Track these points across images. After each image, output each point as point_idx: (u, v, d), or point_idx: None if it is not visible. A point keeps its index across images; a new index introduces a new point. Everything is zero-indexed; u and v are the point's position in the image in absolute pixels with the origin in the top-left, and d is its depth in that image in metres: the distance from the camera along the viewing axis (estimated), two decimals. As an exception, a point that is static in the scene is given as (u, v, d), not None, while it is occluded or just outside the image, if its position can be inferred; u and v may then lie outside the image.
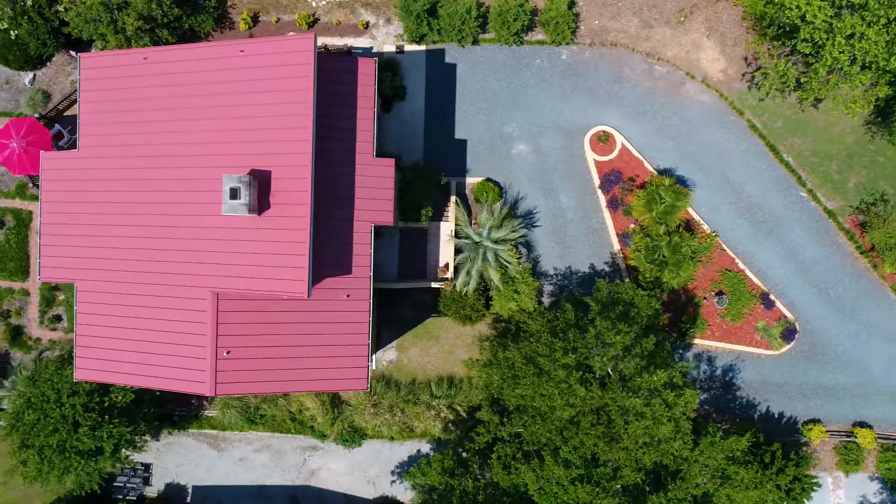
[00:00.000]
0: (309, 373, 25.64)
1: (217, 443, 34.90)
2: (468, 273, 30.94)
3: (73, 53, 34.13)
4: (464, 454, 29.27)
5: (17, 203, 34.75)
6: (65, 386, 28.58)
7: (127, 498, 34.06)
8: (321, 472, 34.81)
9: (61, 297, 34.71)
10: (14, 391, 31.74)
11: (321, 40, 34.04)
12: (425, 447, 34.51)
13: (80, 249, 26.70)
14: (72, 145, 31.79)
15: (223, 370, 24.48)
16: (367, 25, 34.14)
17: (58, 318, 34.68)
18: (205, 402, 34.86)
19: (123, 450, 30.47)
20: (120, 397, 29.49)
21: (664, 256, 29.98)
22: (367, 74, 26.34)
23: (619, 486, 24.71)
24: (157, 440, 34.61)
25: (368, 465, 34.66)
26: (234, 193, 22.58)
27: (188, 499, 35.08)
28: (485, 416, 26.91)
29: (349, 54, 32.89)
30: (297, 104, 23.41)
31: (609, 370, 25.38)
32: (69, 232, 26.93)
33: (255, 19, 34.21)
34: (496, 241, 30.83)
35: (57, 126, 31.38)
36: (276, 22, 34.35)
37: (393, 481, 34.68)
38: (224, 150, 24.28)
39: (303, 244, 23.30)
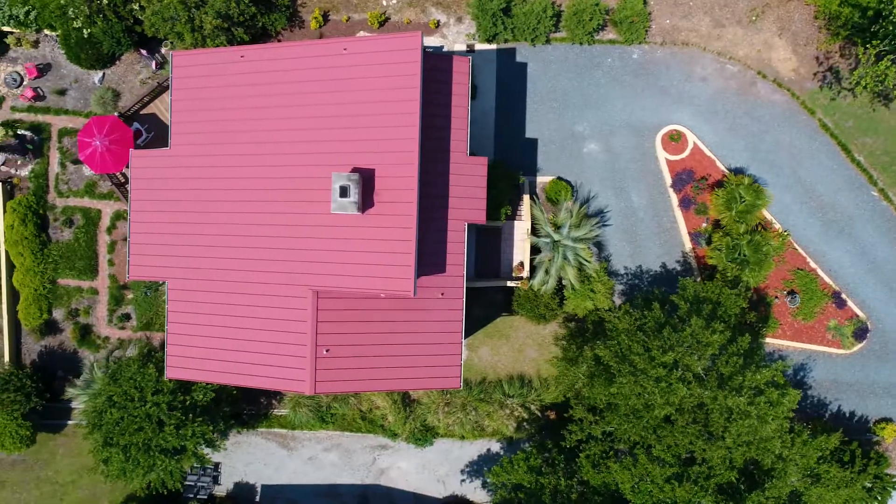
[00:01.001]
0: (403, 371, 25.64)
1: (286, 442, 34.87)
2: (546, 272, 30.93)
3: (143, 52, 34.11)
4: (546, 453, 29.22)
5: (87, 202, 34.71)
6: (148, 384, 28.54)
7: (198, 497, 34.03)
8: (391, 471, 34.80)
9: (130, 295, 34.69)
10: (89, 390, 31.72)
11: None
12: (495, 446, 34.52)
13: (170, 248, 26.67)
14: (149, 143, 31.76)
15: (322, 368, 24.47)
16: (437, 24, 34.14)
17: (126, 317, 34.64)
18: (273, 401, 34.85)
19: (203, 448, 30.41)
20: (201, 396, 29.46)
21: (745, 255, 29.97)
22: (461, 73, 26.33)
23: (715, 485, 24.71)
24: (227, 439, 34.56)
25: (438, 464, 34.65)
26: (343, 191, 22.57)
27: (257, 498, 35.07)
28: (579, 414, 26.91)
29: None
30: (403, 102, 23.40)
31: (702, 369, 25.37)
32: (158, 230, 26.91)
33: (325, 18, 34.21)
34: (576, 240, 30.82)
35: (136, 124, 31.35)
36: (347, 21, 34.34)
37: (462, 480, 34.68)
38: (326, 148, 24.26)
39: (409, 242, 23.29)
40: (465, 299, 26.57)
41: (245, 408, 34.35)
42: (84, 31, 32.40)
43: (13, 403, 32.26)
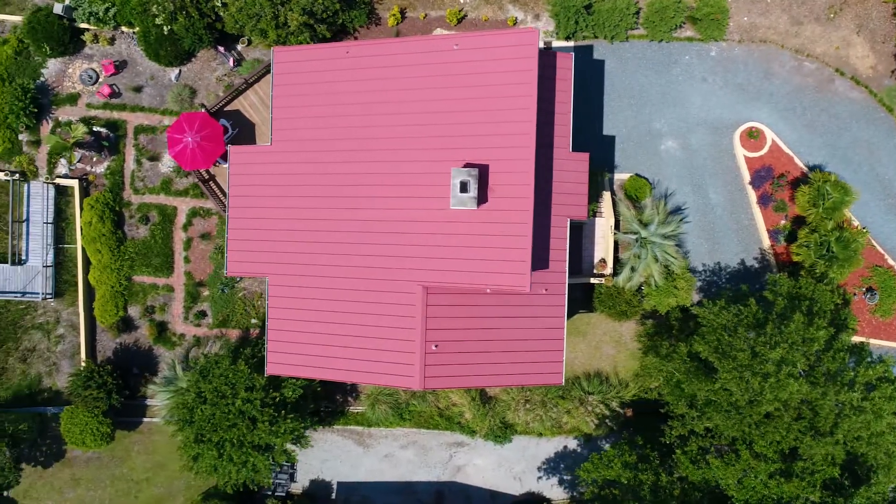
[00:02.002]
0: (506, 367, 25.63)
1: (362, 439, 34.85)
2: (632, 269, 30.93)
3: (220, 49, 34.10)
4: (637, 449, 29.21)
5: (162, 199, 34.69)
6: (240, 381, 28.49)
7: (276, 494, 33.99)
8: (467, 468, 34.78)
9: (206, 293, 34.66)
10: (171, 387, 31.67)
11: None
12: (572, 443, 34.54)
13: (270, 244, 26.64)
14: (234, 140, 31.72)
15: (430, 364, 24.45)
16: (515, 22, 34.14)
17: (202, 314, 34.59)
18: (350, 399, 34.82)
19: (292, 445, 30.38)
20: (290, 392, 29.43)
21: (832, 252, 29.99)
22: (564, 69, 26.34)
23: (820, 481, 24.73)
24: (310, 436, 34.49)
25: (514, 462, 34.64)
26: (463, 187, 22.57)
27: (333, 495, 35.04)
28: (680, 410, 26.90)
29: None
30: (518, 98, 23.41)
31: (808, 365, 25.37)
32: (258, 226, 26.88)
33: (402, 15, 34.19)
34: (664, 237, 30.82)
35: (222, 120, 31.33)
36: (424, 18, 34.35)
37: (539, 477, 34.68)
38: (437, 144, 24.24)
39: (525, 238, 23.29)
40: (567, 295, 26.58)
41: (322, 405, 34.31)
42: (164, 27, 32.40)
43: (95, 401, 32.25)
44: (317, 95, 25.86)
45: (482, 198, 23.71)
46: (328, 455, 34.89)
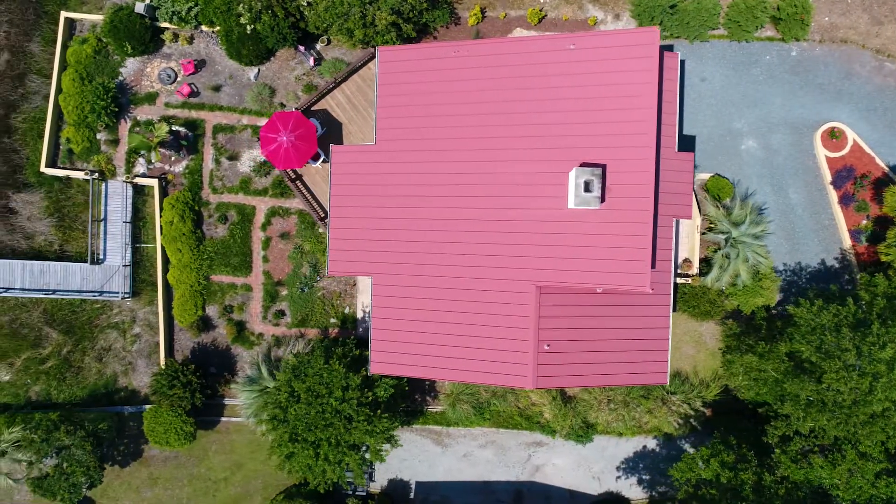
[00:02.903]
0: (614, 366, 25.64)
1: (441, 438, 34.85)
2: (721, 268, 30.94)
3: (300, 49, 34.08)
4: (730, 449, 29.18)
5: (241, 198, 34.68)
6: (336, 381, 28.48)
7: (356, 494, 34.00)
8: (546, 468, 34.79)
9: (284, 292, 34.64)
10: (255, 386, 31.65)
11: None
12: (651, 443, 34.54)
13: (374, 243, 26.61)
14: (321, 138, 31.69)
15: (543, 364, 24.47)
16: (595, 22, 34.14)
17: (281, 314, 34.58)
18: (428, 398, 34.81)
19: (384, 445, 30.35)
20: (383, 392, 29.43)
21: (923, 252, 30.00)
22: (671, 69, 26.33)
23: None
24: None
25: (593, 461, 34.65)
26: (587, 186, 22.57)
27: (411, 495, 35.04)
28: (785, 410, 26.90)
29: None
30: (638, 98, 23.40)
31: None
32: (360, 226, 26.86)
33: (482, 14, 34.16)
34: (755, 237, 30.83)
35: (312, 119, 31.31)
36: (504, 17, 34.34)
37: (618, 477, 34.68)
38: (553, 143, 24.23)
39: (645, 238, 23.30)
40: (672, 295, 26.60)
41: (402, 405, 34.30)
42: (247, 26, 32.38)
43: (180, 400, 32.24)
44: (424, 95, 25.85)
45: (601, 197, 23.69)
46: (406, 454, 34.87)
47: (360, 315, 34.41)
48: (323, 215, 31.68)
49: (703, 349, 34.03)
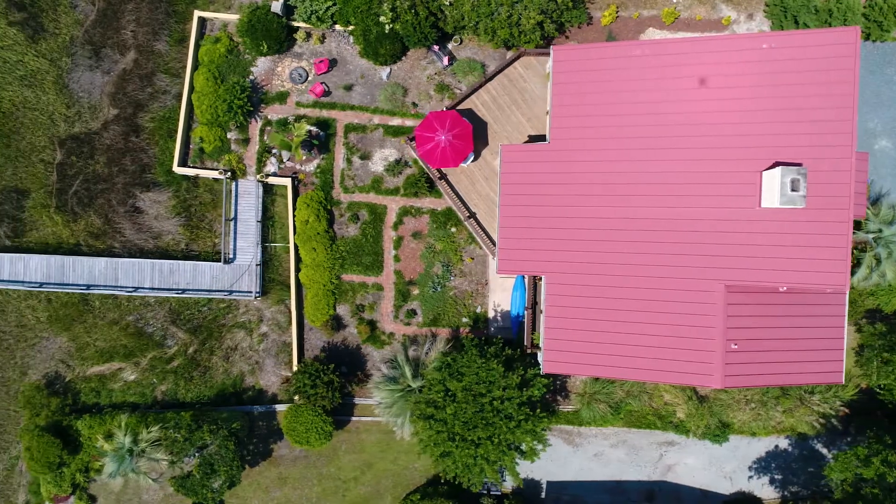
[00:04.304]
0: (794, 366, 25.64)
1: (571, 438, 34.84)
2: (870, 268, 30.92)
3: (434, 48, 34.10)
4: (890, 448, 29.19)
5: (372, 197, 34.69)
6: (497, 379, 28.46)
7: (491, 493, 33.97)
8: (677, 468, 34.77)
9: (415, 291, 34.63)
10: (395, 386, 31.61)
11: (680, 36, 34.10)
12: (783, 443, 34.50)
13: (546, 242, 26.59)
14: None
15: (730, 363, 24.48)
16: (730, 21, 34.16)
17: (412, 313, 34.57)
18: (559, 398, 34.79)
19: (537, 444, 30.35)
20: (537, 391, 29.41)
21: None
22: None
23: None
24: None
25: (725, 461, 34.64)
26: (793, 185, 22.58)
27: (542, 494, 35.02)
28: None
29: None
30: (836, 97, 23.42)
31: None
32: (531, 224, 26.84)
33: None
34: (905, 236, 30.83)
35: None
36: (637, 17, 34.36)
37: (750, 477, 34.66)
38: (743, 143, 24.22)
39: (845, 237, 23.29)
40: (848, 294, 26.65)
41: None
42: (386, 26, 32.40)
43: (322, 399, 32.22)
44: (600, 94, 25.84)
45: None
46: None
47: (491, 314, 34.41)
48: (468, 214, 31.69)
49: (836, 349, 33.99)
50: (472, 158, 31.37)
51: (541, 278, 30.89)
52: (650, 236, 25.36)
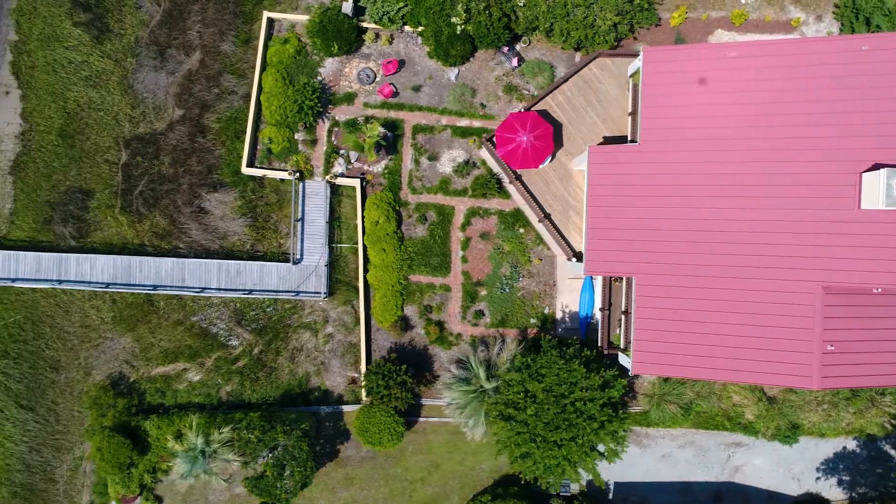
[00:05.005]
0: (889, 367, 25.63)
1: (639, 439, 34.86)
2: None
3: (503, 49, 34.15)
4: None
5: (440, 198, 34.71)
6: (580, 380, 28.47)
7: (561, 494, 33.99)
8: (745, 469, 34.81)
9: (483, 292, 34.64)
10: (468, 387, 31.62)
11: (749, 38, 34.18)
12: (850, 444, 34.55)
13: (636, 243, 26.63)
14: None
15: (827, 364, 24.52)
16: (799, 23, 34.23)
17: (480, 314, 34.58)
18: (626, 398, 34.80)
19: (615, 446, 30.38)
20: (616, 392, 29.42)
21: None
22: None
23: None
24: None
25: (793, 462, 34.68)
26: (902, 186, 22.71)
27: (610, 495, 35.04)
28: None
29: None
30: (942, 98, 23.59)
31: None
32: (620, 226, 26.87)
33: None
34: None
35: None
36: (706, 19, 34.42)
37: (818, 478, 34.71)
38: (843, 144, 24.27)
39: (948, 239, 23.47)
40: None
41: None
42: (458, 27, 32.44)
43: (396, 400, 32.22)
44: (694, 95, 25.88)
45: (897, 197, 23.76)
46: (605, 455, 34.86)
47: (559, 315, 34.44)
48: (544, 215, 31.72)
49: (904, 350, 34.05)
50: (549, 160, 31.39)
51: (619, 280, 30.99)
52: (742, 237, 25.39)
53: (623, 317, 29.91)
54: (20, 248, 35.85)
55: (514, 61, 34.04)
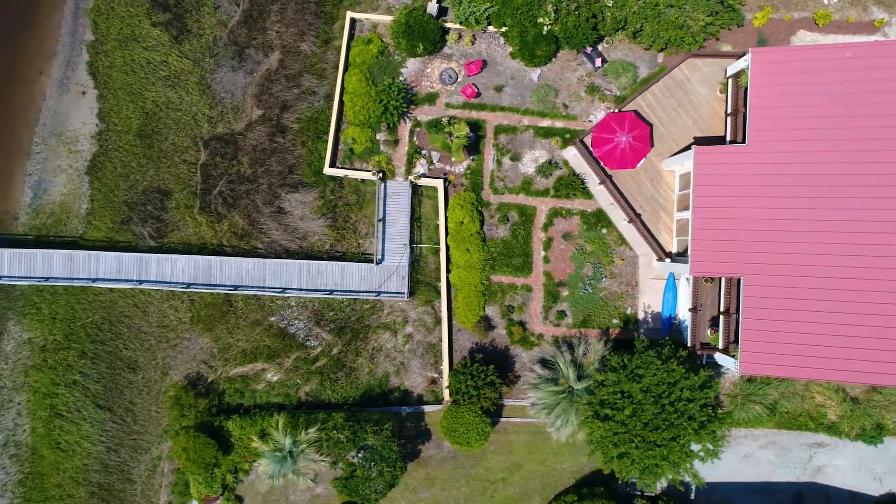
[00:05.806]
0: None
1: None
2: None
3: (587, 50, 34.15)
4: None
5: (522, 199, 34.71)
6: (680, 381, 28.48)
7: (644, 495, 34.00)
8: (827, 469, 34.83)
9: (564, 293, 34.65)
10: (555, 387, 31.60)
11: (832, 38, 34.21)
12: (933, 444, 34.64)
13: (744, 244, 26.67)
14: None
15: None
16: (882, 23, 34.25)
17: (562, 314, 34.59)
18: (708, 399, 34.80)
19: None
20: (712, 392, 29.40)
21: None
22: None
23: None
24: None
25: (875, 462, 34.71)
26: None
27: (692, 496, 35.04)
28: None
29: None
30: None
31: None
32: (728, 226, 26.90)
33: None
34: None
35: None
36: (788, 20, 34.45)
37: (900, 478, 34.77)
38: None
39: None
40: None
41: (687, 405, 34.27)
42: (544, 27, 32.46)
43: (484, 400, 32.22)
44: (807, 96, 25.92)
45: None
46: (686, 455, 34.85)
47: (641, 316, 34.44)
48: (635, 215, 31.74)
49: None
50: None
51: (709, 280, 31.02)
52: (853, 238, 25.47)
53: (722, 317, 29.91)
54: (98, 247, 35.86)
55: (598, 62, 34.04)
